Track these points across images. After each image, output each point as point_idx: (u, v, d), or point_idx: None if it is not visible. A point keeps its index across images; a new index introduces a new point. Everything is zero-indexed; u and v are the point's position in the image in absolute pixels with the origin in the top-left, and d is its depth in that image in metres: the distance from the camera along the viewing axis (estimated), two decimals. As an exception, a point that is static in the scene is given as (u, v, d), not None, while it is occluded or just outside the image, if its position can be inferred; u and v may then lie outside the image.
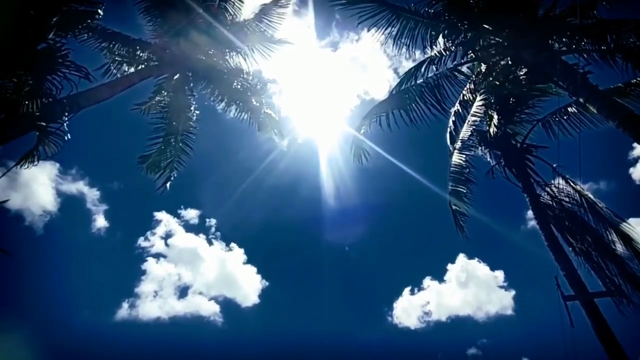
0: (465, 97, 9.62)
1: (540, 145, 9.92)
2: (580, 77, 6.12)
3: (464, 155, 10.27)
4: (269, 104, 12.84)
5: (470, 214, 10.48)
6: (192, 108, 11.98)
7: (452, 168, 10.35)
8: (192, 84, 11.95)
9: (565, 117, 9.37)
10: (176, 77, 11.46)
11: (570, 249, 8.84)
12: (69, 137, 7.24)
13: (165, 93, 11.69)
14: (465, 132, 10.19)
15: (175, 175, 11.99)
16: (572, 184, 9.24)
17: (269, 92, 12.87)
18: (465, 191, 10.25)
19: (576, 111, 9.19)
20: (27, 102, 5.59)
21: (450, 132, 10.22)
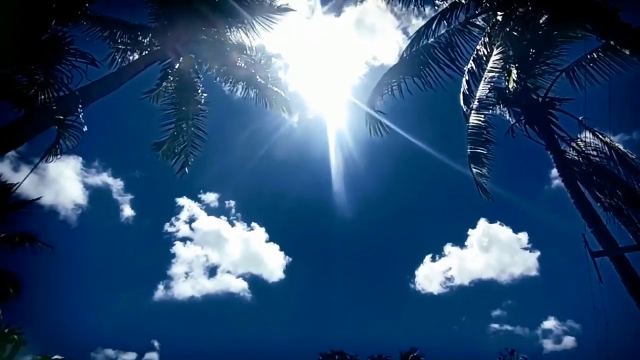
0: (480, 53, 9.04)
1: (565, 98, 9.24)
2: (610, 16, 5.55)
3: (482, 115, 9.79)
4: (275, 79, 12.62)
5: (491, 176, 10.11)
6: (199, 91, 11.90)
7: (469, 130, 9.91)
8: (196, 66, 11.81)
9: (592, 64, 8.62)
10: (180, 60, 11.32)
11: (599, 204, 8.48)
12: (86, 128, 7.46)
13: (172, 78, 11.63)
14: (482, 90, 9.67)
15: (191, 159, 12.16)
16: (600, 136, 8.69)
17: (274, 67, 12.62)
18: (485, 152, 9.87)
19: (605, 56, 8.45)
20: (42, 96, 5.65)
21: (464, 93, 9.73)
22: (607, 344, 8.84)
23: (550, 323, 60.54)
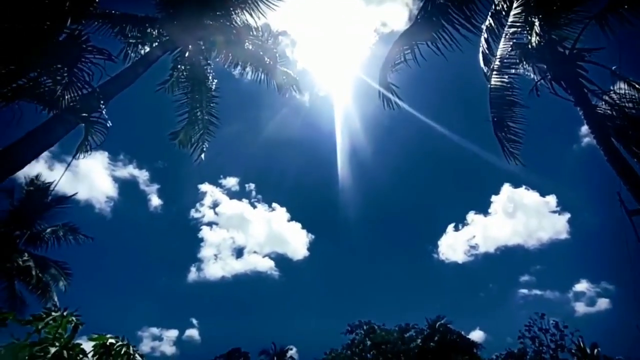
0: (498, 7, 8.53)
1: (595, 48, 8.46)
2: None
3: (504, 76, 9.31)
4: (283, 58, 12.50)
5: (519, 140, 9.58)
6: (210, 77, 12.00)
7: (491, 93, 9.47)
8: (205, 53, 11.84)
9: (626, 6, 7.78)
10: (189, 48, 11.36)
11: (635, 160, 8.03)
12: (110, 124, 7.80)
13: (182, 67, 11.75)
14: (503, 48, 9.15)
15: (207, 146, 12.43)
16: (637, 85, 8.08)
17: (281, 46, 12.45)
18: (510, 115, 9.43)
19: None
20: (67, 95, 5.90)
21: (483, 53, 9.27)
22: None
23: (582, 286, 59.13)
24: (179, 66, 11.74)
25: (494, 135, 9.61)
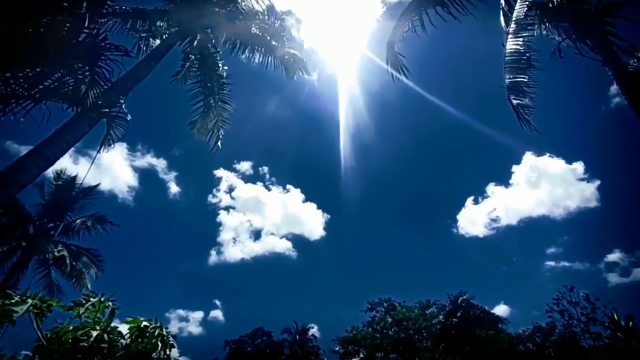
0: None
1: (624, 1, 7.82)
2: None
3: (520, 39, 8.85)
4: (290, 40, 12.41)
5: (536, 106, 9.17)
6: (220, 65, 12.08)
7: (507, 57, 9.03)
8: (213, 40, 11.89)
9: None
10: (197, 37, 11.43)
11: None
12: (130, 117, 8.11)
13: (193, 57, 11.88)
14: (519, 10, 8.67)
15: (223, 133, 12.66)
16: None
17: (287, 27, 12.33)
18: (526, 80, 9.00)
19: None
20: (90, 92, 6.15)
21: (504, 12, 8.82)
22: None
23: (615, 256, 56.56)
24: (189, 56, 11.87)
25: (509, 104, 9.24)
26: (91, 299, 2.79)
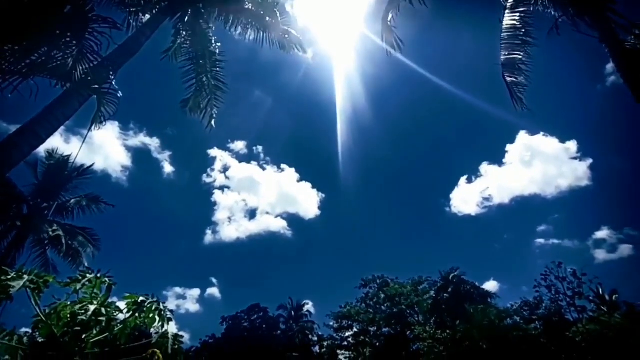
0: None
1: None
2: None
3: (517, 14, 8.69)
4: (284, 15, 11.99)
5: (530, 83, 9.06)
6: (213, 42, 11.72)
7: (503, 33, 8.90)
8: (205, 16, 11.47)
9: None
10: (188, 12, 11.03)
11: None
12: (121, 94, 7.92)
13: (184, 33, 11.52)
14: None
15: (216, 112, 12.45)
16: None
17: (281, 1, 11.90)
18: (521, 57, 8.90)
19: None
20: (79, 68, 5.97)
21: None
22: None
23: (603, 233, 58.05)
24: (180, 32, 11.50)
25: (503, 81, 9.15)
26: (88, 275, 2.83)
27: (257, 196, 78.77)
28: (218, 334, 42.36)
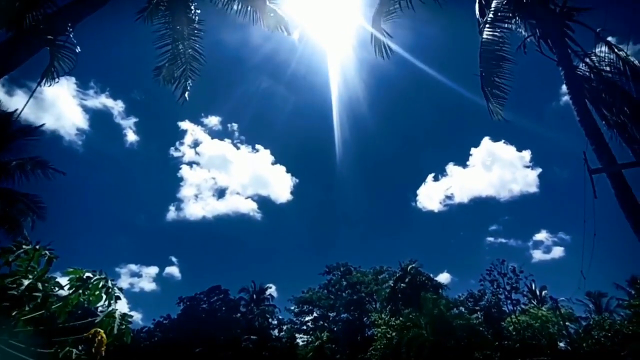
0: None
1: (584, 7, 8.39)
2: None
3: (497, 29, 8.97)
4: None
5: (505, 96, 9.51)
6: (192, 7, 10.93)
7: (482, 47, 9.17)
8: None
9: None
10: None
11: (604, 122, 8.35)
12: (79, 49, 7.18)
13: (160, -8, 10.59)
14: (497, 0, 8.73)
15: (191, 84, 11.76)
16: (616, 50, 8.06)
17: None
18: (498, 71, 9.20)
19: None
20: (29, 14, 5.29)
21: (480, 2, 8.81)
22: (593, 252, 9.65)
23: (541, 235, 65.19)
24: (156, -10, 10.57)
25: (479, 89, 9.50)
26: (24, 247, 2.55)
27: (228, 175, 76.66)
28: (174, 314, 41.43)
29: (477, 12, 9.00)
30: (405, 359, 23.64)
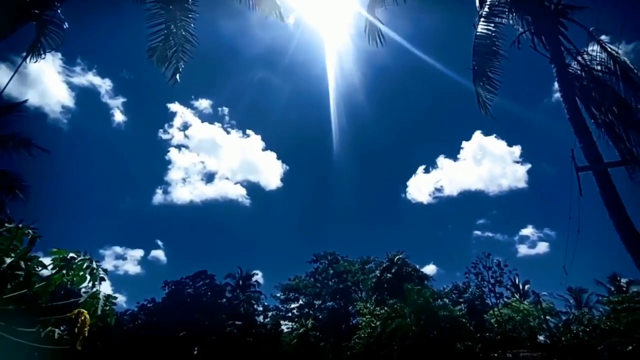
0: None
1: (578, 6, 8.42)
2: None
3: (492, 24, 8.96)
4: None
5: (497, 91, 9.47)
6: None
7: (476, 40, 9.15)
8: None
9: None
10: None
11: (592, 121, 8.48)
12: (67, 25, 6.93)
13: (152, -33, 10.21)
14: None
15: (182, 66, 11.48)
16: (608, 48, 8.15)
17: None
18: (492, 65, 9.22)
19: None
20: None
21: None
22: (575, 249, 9.88)
23: (528, 230, 66.90)
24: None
25: (471, 83, 9.53)
26: (6, 225, 2.48)
27: (218, 160, 75.67)
28: (159, 298, 41.16)
29: (477, 2, 8.94)
30: (389, 348, 24.20)
